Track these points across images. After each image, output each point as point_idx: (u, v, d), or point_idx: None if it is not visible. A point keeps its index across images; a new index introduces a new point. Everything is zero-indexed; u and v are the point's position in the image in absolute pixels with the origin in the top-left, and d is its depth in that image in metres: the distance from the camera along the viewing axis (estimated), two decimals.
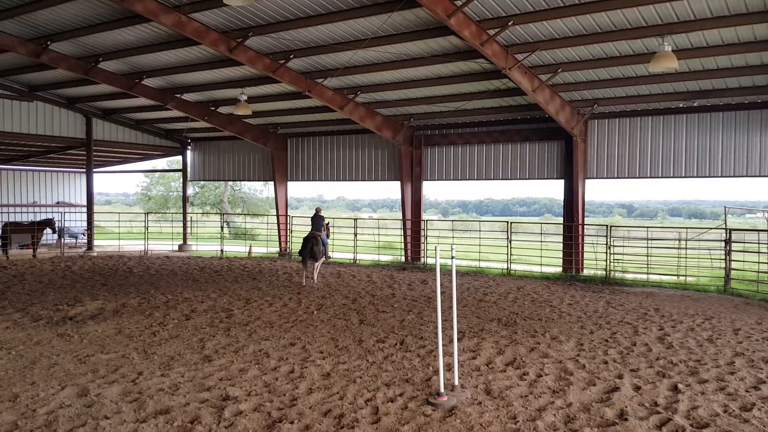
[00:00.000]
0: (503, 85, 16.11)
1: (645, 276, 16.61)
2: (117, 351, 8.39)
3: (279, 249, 23.72)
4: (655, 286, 15.67)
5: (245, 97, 18.67)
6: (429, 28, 13.39)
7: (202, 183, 46.49)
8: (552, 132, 18.30)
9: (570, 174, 17.97)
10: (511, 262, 18.26)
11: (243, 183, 48.27)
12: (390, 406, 6.25)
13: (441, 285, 6.83)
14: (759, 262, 14.63)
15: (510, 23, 12.41)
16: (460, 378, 7.06)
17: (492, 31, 12.82)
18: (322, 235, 15.49)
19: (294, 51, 15.42)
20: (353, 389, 6.78)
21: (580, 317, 11.27)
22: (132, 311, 11.35)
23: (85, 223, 26.04)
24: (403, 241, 21.58)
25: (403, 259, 21.13)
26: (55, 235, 24.39)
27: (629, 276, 16.66)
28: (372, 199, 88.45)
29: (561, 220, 19.46)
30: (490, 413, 6.08)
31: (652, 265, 17.10)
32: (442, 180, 20.98)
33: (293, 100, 19.70)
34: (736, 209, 29.77)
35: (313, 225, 15.76)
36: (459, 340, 8.88)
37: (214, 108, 21.34)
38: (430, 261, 19.81)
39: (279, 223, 24.09)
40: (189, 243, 26.30)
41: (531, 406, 6.28)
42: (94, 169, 25.39)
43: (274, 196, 25.14)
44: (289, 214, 24.16)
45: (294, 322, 10.51)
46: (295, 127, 23.31)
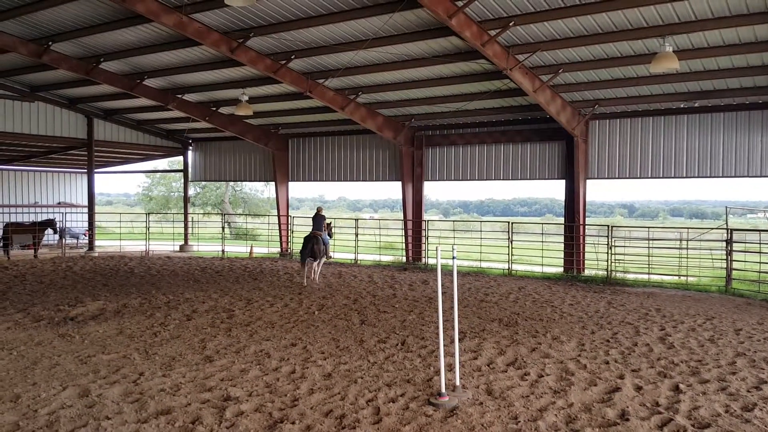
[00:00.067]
0: (504, 85, 16.11)
1: (646, 276, 16.60)
2: (118, 351, 8.39)
3: (280, 249, 23.72)
4: (657, 287, 15.66)
5: (246, 97, 18.68)
6: (430, 29, 13.39)
7: (204, 183, 46.53)
8: (553, 132, 18.31)
9: (571, 174, 17.98)
10: (512, 263, 18.26)
11: (244, 183, 48.31)
12: (391, 407, 6.25)
13: (442, 285, 6.83)
14: (760, 263, 14.62)
15: (511, 24, 12.41)
16: (461, 378, 7.06)
17: (493, 32, 12.82)
18: (323, 234, 15.50)
19: (295, 51, 15.43)
20: (354, 389, 6.79)
21: (582, 317, 11.26)
22: (133, 312, 11.35)
23: (86, 224, 26.06)
24: (404, 241, 21.59)
25: (404, 259, 21.13)
26: (57, 236, 24.41)
27: (630, 276, 16.66)
28: (373, 200, 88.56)
29: (562, 220, 19.46)
30: (491, 413, 6.09)
31: (654, 266, 17.11)
32: (443, 180, 20.99)
33: (294, 100, 19.71)
34: (737, 209, 29.74)
35: (314, 224, 15.78)
36: (460, 340, 8.88)
37: (215, 108, 21.36)
38: (431, 261, 19.82)
39: (280, 224, 24.10)
40: (190, 243, 26.31)
41: (532, 407, 6.28)
42: (96, 170, 25.44)
43: (275, 196, 25.17)
44: (290, 215, 24.19)
45: (295, 322, 10.52)
46: (297, 127, 23.32)
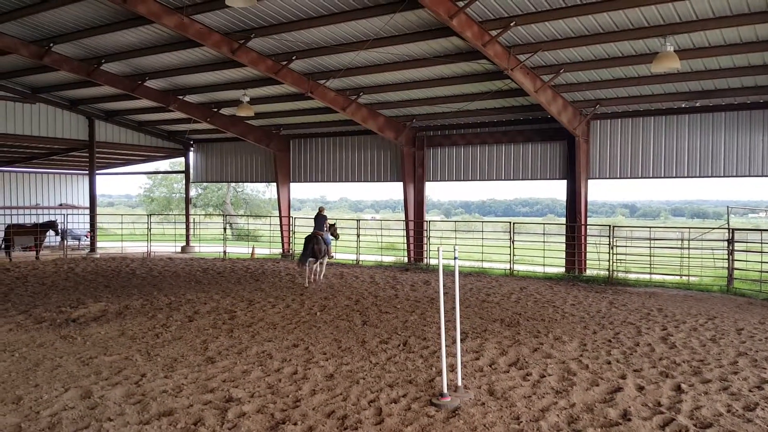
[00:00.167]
0: (505, 85, 16.11)
1: (648, 276, 16.58)
2: (120, 353, 8.40)
3: (282, 250, 23.73)
4: (658, 286, 15.64)
5: (247, 98, 18.70)
6: (431, 29, 13.39)
7: (205, 184, 46.59)
8: (554, 132, 18.30)
9: (572, 174, 17.97)
10: (513, 263, 18.25)
11: (245, 184, 48.35)
12: (393, 407, 6.25)
13: (444, 286, 6.83)
14: (762, 262, 14.61)
15: (512, 24, 12.41)
16: (463, 379, 7.05)
17: (494, 32, 12.81)
18: (324, 234, 15.49)
19: (296, 52, 15.44)
20: (356, 390, 6.78)
21: (583, 317, 11.26)
22: (135, 313, 11.36)
23: (87, 225, 26.10)
24: (405, 241, 21.59)
25: (405, 259, 21.14)
26: (58, 237, 24.44)
27: (632, 276, 16.64)
28: (375, 200, 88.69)
29: (564, 220, 19.45)
30: (493, 414, 6.08)
31: (655, 265, 17.10)
32: (445, 181, 20.99)
33: (296, 101, 19.72)
34: (739, 209, 29.71)
35: (316, 224, 15.78)
36: (462, 340, 8.87)
37: (216, 109, 21.37)
38: (433, 262, 19.81)
39: (282, 225, 24.13)
40: (192, 244, 26.33)
41: (534, 407, 6.28)
42: (97, 171, 25.48)
43: (276, 197, 25.18)
44: (291, 216, 24.21)
45: (297, 323, 10.52)
46: (298, 128, 23.33)
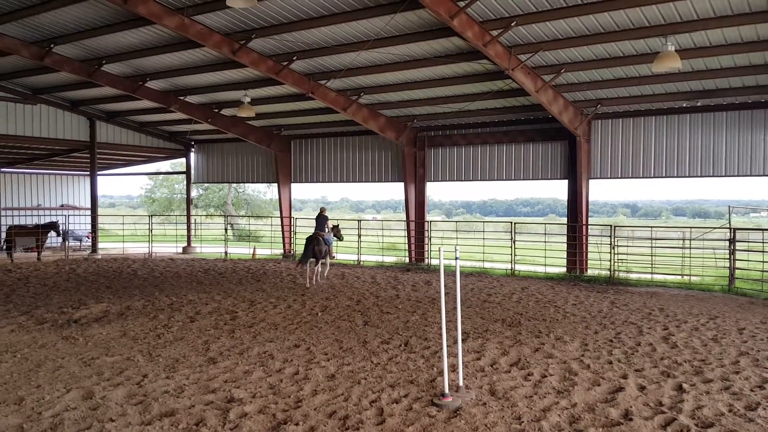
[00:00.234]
0: (506, 85, 16.11)
1: (649, 276, 16.58)
2: (122, 353, 8.41)
3: (283, 251, 23.74)
4: (660, 286, 15.63)
5: (248, 99, 18.71)
6: (432, 30, 13.39)
7: (206, 185, 46.60)
8: (555, 132, 18.29)
9: (574, 174, 17.96)
10: (515, 263, 18.25)
11: (247, 185, 48.37)
12: (395, 407, 6.25)
13: (445, 286, 6.83)
14: (763, 261, 14.61)
15: (513, 24, 12.41)
16: (464, 379, 7.05)
17: (495, 32, 12.81)
18: (325, 235, 15.49)
19: (297, 53, 15.44)
20: (358, 390, 6.79)
21: (585, 317, 11.25)
22: (136, 314, 11.37)
23: (89, 226, 26.11)
24: (407, 242, 21.59)
25: (407, 260, 21.14)
26: (60, 238, 24.45)
27: (633, 276, 16.63)
28: (376, 201, 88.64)
29: (565, 220, 19.42)
30: (494, 414, 6.08)
31: (657, 265, 17.09)
32: (446, 181, 20.97)
33: (296, 101, 19.72)
34: (740, 208, 29.67)
35: (317, 225, 15.79)
36: (463, 340, 8.87)
37: (217, 110, 21.39)
38: (434, 262, 19.81)
39: (283, 225, 24.13)
40: (193, 245, 26.34)
41: (536, 407, 6.28)
42: (98, 172, 25.49)
43: (277, 197, 25.19)
44: (292, 216, 24.21)
45: (298, 323, 10.52)
46: (299, 128, 23.33)
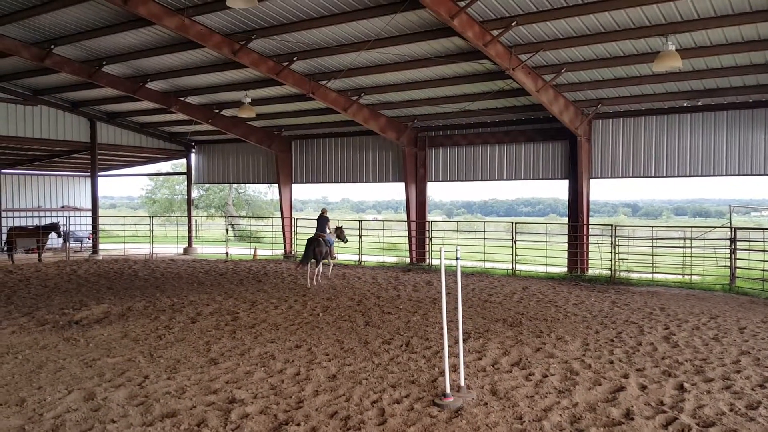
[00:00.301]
0: (507, 85, 16.10)
1: (650, 275, 16.57)
2: (123, 355, 8.41)
3: (284, 251, 23.74)
4: (661, 286, 15.63)
5: (249, 99, 18.71)
6: (432, 30, 13.39)
7: (207, 186, 46.61)
8: (556, 132, 18.29)
9: (574, 174, 17.96)
10: (516, 263, 18.25)
11: (247, 185, 48.39)
12: (396, 408, 6.25)
13: (446, 286, 6.83)
14: (764, 261, 14.59)
15: (513, 24, 12.40)
16: (465, 379, 7.06)
17: (495, 32, 12.81)
18: (325, 235, 15.49)
19: (297, 53, 15.44)
20: (359, 391, 6.79)
21: (586, 317, 11.25)
22: (138, 315, 11.37)
23: (90, 227, 26.13)
24: (407, 242, 21.58)
25: (408, 260, 21.13)
26: (61, 239, 24.46)
27: (634, 275, 16.63)
28: (376, 201, 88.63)
29: (566, 220, 19.41)
30: (496, 414, 6.08)
31: (657, 265, 17.07)
32: (447, 181, 20.97)
33: (297, 102, 19.72)
34: (741, 208, 29.69)
35: (318, 226, 15.78)
36: (464, 341, 8.87)
37: (218, 111, 21.39)
38: (435, 262, 19.81)
39: (284, 226, 24.13)
40: (194, 246, 26.36)
41: (537, 407, 6.28)
42: (99, 173, 25.51)
43: (278, 198, 25.19)
44: (293, 216, 24.21)
45: (299, 324, 10.52)
46: (299, 129, 23.34)
